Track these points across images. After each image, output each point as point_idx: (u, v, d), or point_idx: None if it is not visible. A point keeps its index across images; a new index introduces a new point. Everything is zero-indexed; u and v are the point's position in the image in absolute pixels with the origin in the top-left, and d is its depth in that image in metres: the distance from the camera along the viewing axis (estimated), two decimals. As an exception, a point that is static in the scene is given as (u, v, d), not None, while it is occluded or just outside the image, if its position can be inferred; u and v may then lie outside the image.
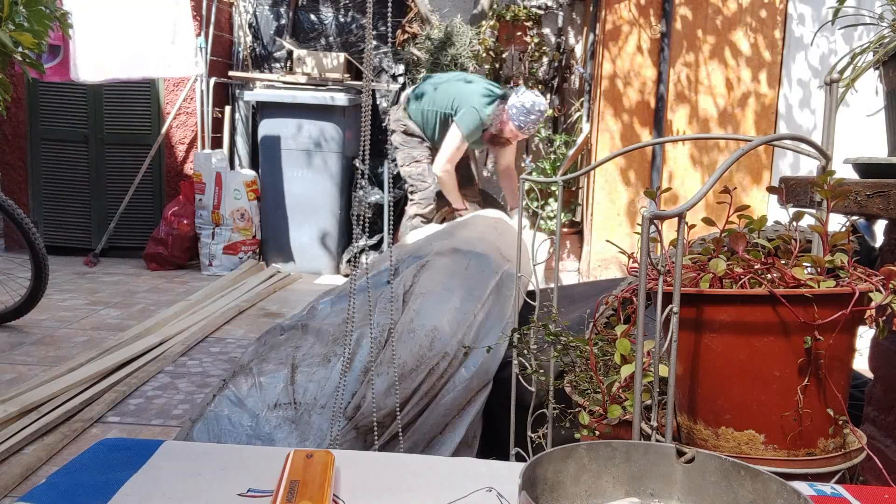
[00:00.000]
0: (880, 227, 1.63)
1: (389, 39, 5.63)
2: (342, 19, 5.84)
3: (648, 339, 0.86)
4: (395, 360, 1.64)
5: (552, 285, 1.47)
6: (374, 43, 5.79)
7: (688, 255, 0.98)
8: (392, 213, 5.25)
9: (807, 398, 0.84)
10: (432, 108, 4.19)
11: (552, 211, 5.16)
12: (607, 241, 1.70)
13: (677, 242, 0.83)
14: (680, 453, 0.68)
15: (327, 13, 5.84)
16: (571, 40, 5.59)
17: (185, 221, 5.27)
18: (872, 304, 0.85)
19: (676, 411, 0.95)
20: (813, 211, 1.06)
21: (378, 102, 5.90)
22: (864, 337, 0.93)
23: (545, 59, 5.46)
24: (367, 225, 5.18)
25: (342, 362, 1.65)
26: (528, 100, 3.97)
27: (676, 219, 0.82)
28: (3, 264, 4.02)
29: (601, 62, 4.78)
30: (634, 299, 0.92)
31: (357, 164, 5.41)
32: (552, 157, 5.37)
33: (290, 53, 5.69)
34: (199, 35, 5.27)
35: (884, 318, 0.86)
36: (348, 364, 1.54)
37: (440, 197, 4.37)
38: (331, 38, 5.85)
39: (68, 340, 3.47)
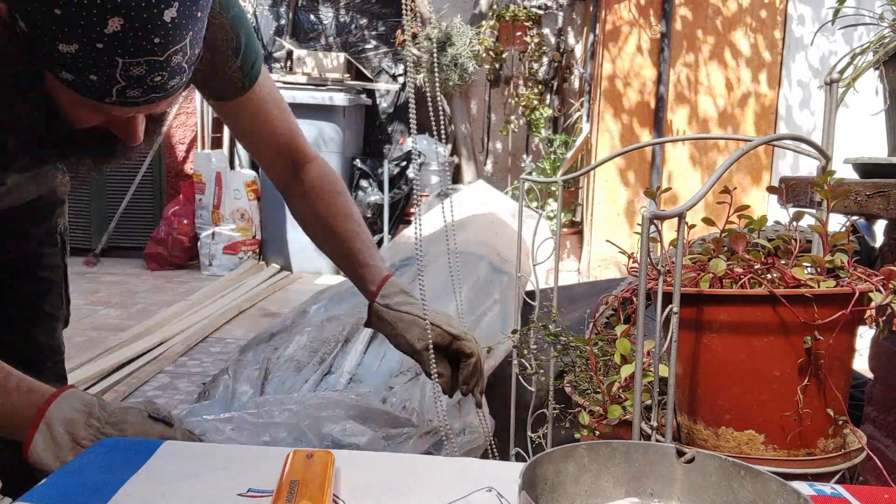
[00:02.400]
0: (880, 227, 1.63)
1: (390, 39, 5.63)
2: (342, 19, 5.85)
3: (648, 339, 0.86)
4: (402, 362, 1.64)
5: (552, 285, 1.47)
6: (374, 43, 5.80)
7: (688, 255, 0.98)
8: (392, 213, 5.25)
9: (807, 398, 0.84)
10: None
11: (552, 211, 5.17)
12: (607, 241, 1.70)
13: (677, 242, 0.83)
14: (680, 453, 0.68)
15: (327, 13, 5.84)
16: (571, 40, 5.59)
17: (185, 221, 5.27)
18: (872, 304, 0.85)
19: (676, 411, 0.95)
20: (813, 211, 1.06)
21: (378, 102, 5.90)
22: (864, 337, 0.93)
23: (545, 60, 5.46)
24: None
25: (317, 371, 1.65)
26: None
27: (676, 219, 0.82)
28: (3, 264, 4.01)
29: (601, 62, 4.78)
30: (634, 299, 0.92)
31: (357, 164, 5.41)
32: (552, 157, 5.37)
33: (289, 53, 5.69)
34: (198, 35, 5.27)
35: (884, 318, 0.86)
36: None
37: None
38: (330, 38, 5.85)
39: (68, 340, 3.46)
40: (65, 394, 0.90)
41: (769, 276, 0.87)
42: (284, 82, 5.28)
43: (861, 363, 1.25)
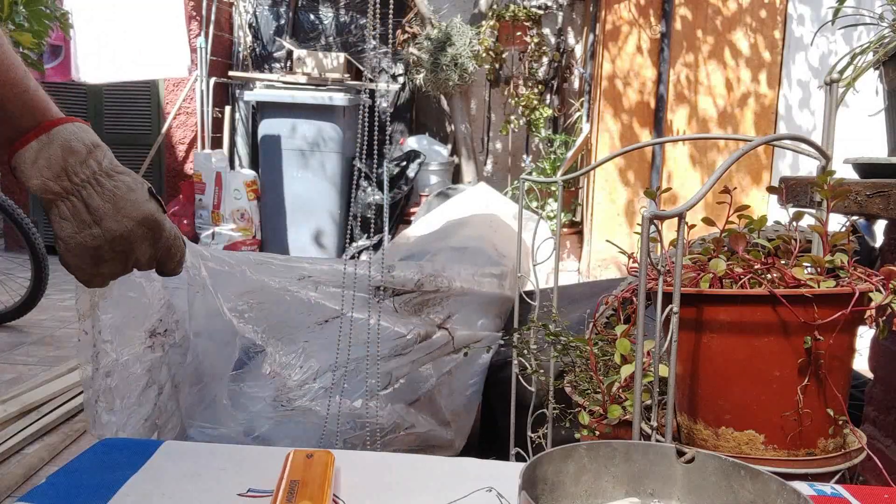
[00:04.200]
0: (880, 227, 1.63)
1: (390, 39, 5.63)
2: (342, 19, 5.84)
3: (648, 339, 0.86)
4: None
5: (552, 285, 1.47)
6: (374, 43, 5.80)
7: (688, 255, 0.98)
8: (392, 213, 5.25)
9: (807, 398, 0.84)
10: None
11: (552, 211, 5.16)
12: (607, 241, 1.70)
13: (677, 242, 0.83)
14: (680, 453, 0.68)
15: (327, 13, 5.83)
16: (571, 40, 5.59)
17: (185, 221, 5.27)
18: (872, 304, 0.85)
19: (676, 411, 0.95)
20: (813, 211, 1.06)
21: (378, 102, 5.90)
22: (864, 337, 0.93)
23: (545, 60, 5.46)
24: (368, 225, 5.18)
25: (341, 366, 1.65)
26: None
27: (676, 219, 0.82)
28: (3, 264, 4.02)
29: (601, 62, 4.78)
30: (634, 299, 0.92)
31: (357, 164, 5.41)
32: (552, 157, 5.37)
33: (289, 53, 5.69)
34: (199, 35, 5.27)
35: (884, 318, 0.86)
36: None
37: None
38: (330, 38, 5.85)
39: (68, 340, 3.47)
40: (81, 124, 0.75)
41: (769, 276, 0.87)
42: (284, 82, 5.28)
43: (861, 363, 1.25)
